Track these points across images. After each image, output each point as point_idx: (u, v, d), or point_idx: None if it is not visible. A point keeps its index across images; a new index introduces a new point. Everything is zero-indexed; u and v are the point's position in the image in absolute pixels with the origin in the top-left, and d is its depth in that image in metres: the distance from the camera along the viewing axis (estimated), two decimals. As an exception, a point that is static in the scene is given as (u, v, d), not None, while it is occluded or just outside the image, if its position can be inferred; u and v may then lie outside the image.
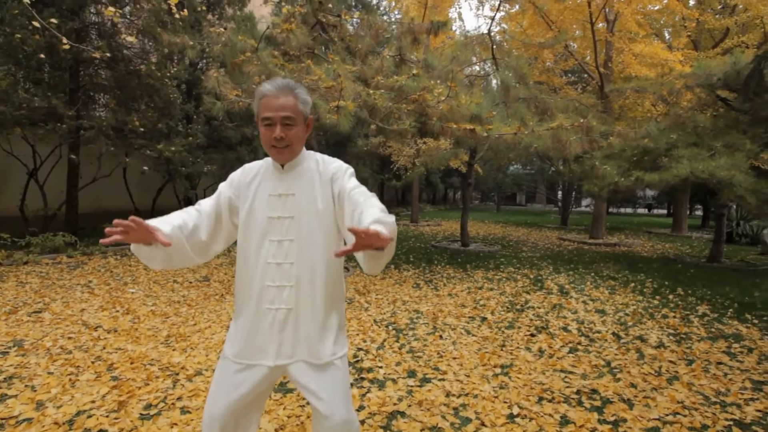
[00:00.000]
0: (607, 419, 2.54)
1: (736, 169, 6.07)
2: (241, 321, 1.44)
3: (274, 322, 1.40)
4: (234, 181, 1.47)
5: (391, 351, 3.48)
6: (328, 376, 1.43)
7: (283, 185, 1.43)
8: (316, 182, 1.43)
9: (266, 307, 1.40)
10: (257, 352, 1.41)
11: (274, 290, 1.39)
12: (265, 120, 1.35)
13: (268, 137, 1.36)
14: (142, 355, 3.21)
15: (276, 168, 1.45)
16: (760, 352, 3.69)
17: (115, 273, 5.90)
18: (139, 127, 7.22)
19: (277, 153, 1.39)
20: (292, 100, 1.36)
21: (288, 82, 1.37)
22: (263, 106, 1.35)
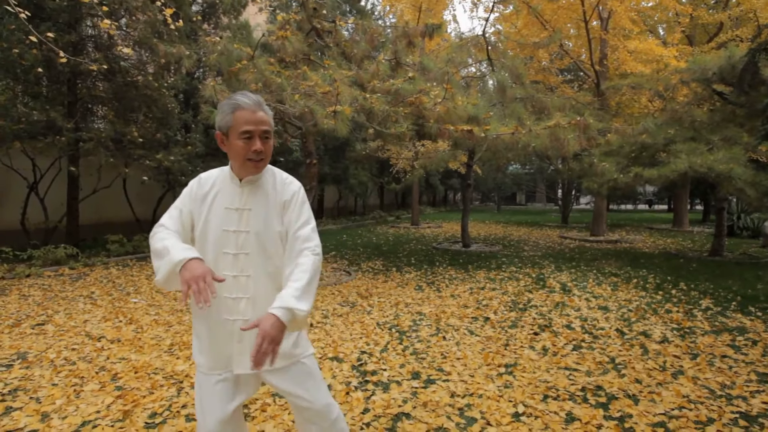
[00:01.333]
0: (613, 415, 2.53)
1: (735, 162, 6.08)
2: (202, 332, 1.45)
3: (233, 333, 1.42)
4: (192, 193, 1.46)
5: (394, 353, 3.48)
6: (296, 373, 1.50)
7: (241, 199, 1.44)
8: (270, 200, 1.46)
9: (224, 317, 1.42)
10: (222, 361, 1.44)
11: (230, 302, 1.41)
12: (244, 133, 1.35)
13: (245, 150, 1.37)
14: (146, 364, 3.21)
15: (233, 181, 1.45)
16: (765, 344, 3.68)
17: (117, 283, 5.90)
18: (137, 137, 7.24)
19: (253, 166, 1.40)
20: (266, 115, 1.39)
21: (258, 97, 1.40)
22: (240, 119, 1.35)
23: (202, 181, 1.48)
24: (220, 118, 1.39)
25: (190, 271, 1.23)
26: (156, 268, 1.33)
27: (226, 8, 9.92)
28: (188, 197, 1.46)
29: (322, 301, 5.11)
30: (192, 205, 1.45)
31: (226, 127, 1.38)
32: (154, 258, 1.35)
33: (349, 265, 7.47)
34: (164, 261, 1.30)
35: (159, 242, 1.35)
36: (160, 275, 1.30)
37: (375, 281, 6.23)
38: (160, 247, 1.33)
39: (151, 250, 1.38)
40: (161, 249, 1.33)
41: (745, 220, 11.88)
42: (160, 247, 1.33)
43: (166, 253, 1.30)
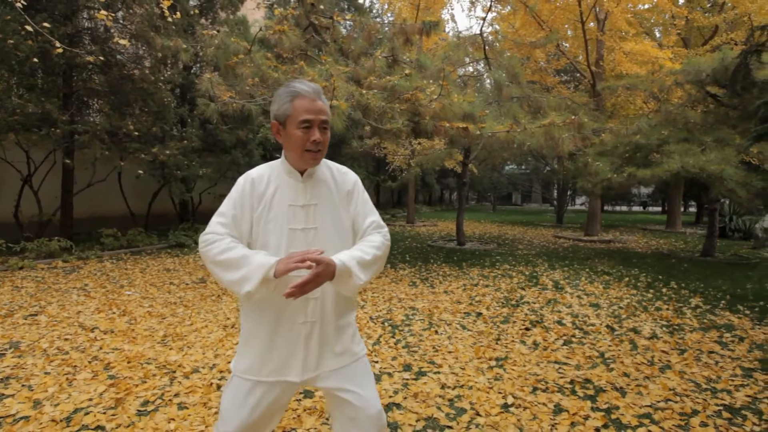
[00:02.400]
0: (600, 407, 2.57)
1: (726, 163, 6.15)
2: (262, 336, 1.35)
3: (299, 337, 1.34)
4: (246, 194, 1.35)
5: (387, 346, 3.51)
6: (356, 370, 1.42)
7: (305, 195, 1.36)
8: (333, 192, 1.40)
9: (291, 321, 1.34)
10: (280, 369, 1.35)
11: (298, 304, 1.32)
12: (303, 122, 1.28)
13: (304, 141, 1.29)
14: (139, 354, 3.22)
15: (292, 176, 1.37)
16: (751, 341, 3.74)
17: (111, 276, 5.90)
18: (133, 131, 7.22)
19: (311, 157, 1.33)
20: (324, 104, 1.33)
21: (317, 86, 1.33)
22: (299, 108, 1.28)
23: (255, 180, 1.36)
24: (278, 106, 1.32)
25: (286, 260, 1.20)
26: (236, 280, 1.22)
27: (223, 3, 9.90)
28: (242, 199, 1.34)
29: (316, 295, 5.13)
30: (249, 207, 1.34)
31: (284, 115, 1.31)
32: (227, 270, 1.24)
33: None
34: (251, 269, 1.21)
35: (229, 252, 1.25)
36: (251, 284, 1.20)
37: (369, 277, 6.25)
38: (235, 257, 1.24)
39: (217, 262, 1.25)
40: (238, 258, 1.23)
41: (737, 222, 12.00)
42: (236, 256, 1.24)
43: (247, 262, 1.22)
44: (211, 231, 1.31)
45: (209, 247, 1.28)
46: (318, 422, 2.35)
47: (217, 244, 1.27)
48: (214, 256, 1.26)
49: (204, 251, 1.29)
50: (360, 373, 1.41)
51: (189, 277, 6.01)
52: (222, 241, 1.27)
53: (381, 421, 1.39)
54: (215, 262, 1.26)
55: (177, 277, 6.04)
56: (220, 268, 1.25)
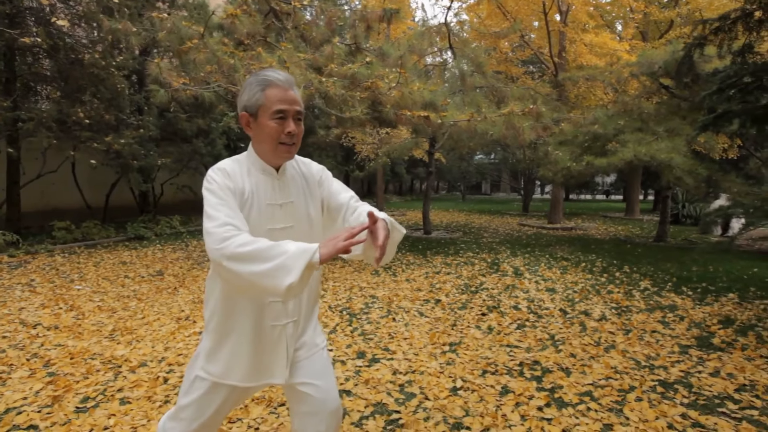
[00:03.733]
0: (545, 387, 2.66)
1: (676, 152, 6.42)
2: (234, 341, 1.28)
3: (282, 338, 1.29)
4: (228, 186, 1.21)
5: (342, 335, 3.51)
6: (317, 363, 1.39)
7: (282, 192, 1.29)
8: (305, 187, 1.35)
9: (271, 324, 1.28)
10: (263, 372, 1.30)
11: (279, 306, 1.27)
12: (278, 113, 1.19)
13: (278, 132, 1.20)
14: (83, 350, 3.10)
15: (266, 172, 1.27)
16: (691, 320, 3.95)
17: (61, 271, 5.65)
18: (84, 119, 6.88)
19: (285, 151, 1.24)
20: (297, 95, 1.24)
21: (290, 75, 1.26)
22: (273, 97, 1.19)
23: (230, 174, 1.23)
24: (248, 96, 1.22)
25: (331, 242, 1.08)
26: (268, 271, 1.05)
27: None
28: (229, 191, 1.20)
29: (277, 286, 5.07)
30: (237, 200, 1.21)
31: (255, 106, 1.20)
32: (252, 262, 1.06)
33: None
34: (288, 257, 1.05)
35: (253, 244, 1.08)
36: (294, 274, 1.04)
37: (332, 266, 6.24)
38: (263, 246, 1.08)
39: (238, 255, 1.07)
40: (266, 248, 1.07)
41: (689, 209, 12.59)
42: (264, 246, 1.08)
43: (280, 250, 1.07)
44: (224, 223, 1.12)
45: (226, 243, 1.08)
46: (265, 411, 2.33)
47: (235, 238, 1.09)
48: (234, 248, 1.07)
49: (219, 248, 1.08)
50: (320, 366, 1.38)
51: (146, 270, 5.83)
52: (241, 235, 1.10)
53: (338, 415, 1.39)
54: (235, 256, 1.07)
55: (133, 270, 5.85)
56: (242, 262, 1.06)
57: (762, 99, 4.83)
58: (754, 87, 4.71)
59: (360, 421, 2.27)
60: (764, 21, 3.82)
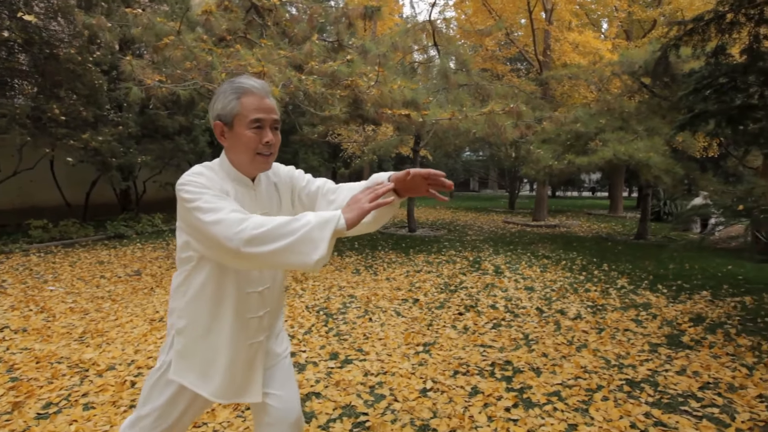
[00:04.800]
0: (514, 387, 2.68)
1: (654, 151, 6.50)
2: (209, 353, 1.23)
3: (258, 355, 1.28)
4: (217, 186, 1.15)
5: (317, 335, 3.50)
6: (279, 371, 1.37)
7: (258, 203, 1.26)
8: (277, 197, 1.32)
9: (250, 342, 1.25)
10: (238, 390, 1.27)
11: (257, 321, 1.26)
12: (254, 122, 1.15)
13: (256, 142, 1.16)
14: (50, 353, 3.05)
15: (242, 183, 1.23)
16: (663, 318, 4.01)
17: (35, 271, 5.54)
18: (59, 115, 6.73)
19: (263, 161, 1.20)
20: (273, 103, 1.21)
21: (266, 83, 1.23)
22: (249, 105, 1.15)
23: (211, 179, 1.16)
24: (222, 104, 1.17)
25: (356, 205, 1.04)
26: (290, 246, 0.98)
27: (161, -21, 9.34)
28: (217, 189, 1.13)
29: (255, 285, 5.04)
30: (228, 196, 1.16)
31: (230, 115, 1.16)
32: (273, 241, 0.99)
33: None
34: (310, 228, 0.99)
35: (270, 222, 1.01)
36: (322, 246, 0.98)
37: (314, 266, 6.21)
38: (280, 222, 1.01)
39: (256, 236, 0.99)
40: (283, 223, 1.00)
41: (671, 206, 12.78)
42: (280, 221, 1.01)
43: (300, 224, 1.00)
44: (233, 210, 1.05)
45: (243, 226, 1.00)
46: (232, 415, 2.32)
47: (250, 221, 1.01)
48: (252, 231, 0.99)
49: (236, 232, 1.00)
50: (283, 374, 1.37)
51: (123, 270, 5.74)
52: (254, 217, 1.03)
53: (300, 426, 1.37)
54: (253, 238, 0.99)
55: (110, 270, 5.76)
56: (262, 244, 0.99)
57: (736, 99, 4.92)
58: (728, 88, 4.79)
59: (327, 424, 2.26)
60: (736, 23, 3.88)
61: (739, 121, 5.02)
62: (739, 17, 3.84)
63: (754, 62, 4.21)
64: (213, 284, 1.20)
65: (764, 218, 4.17)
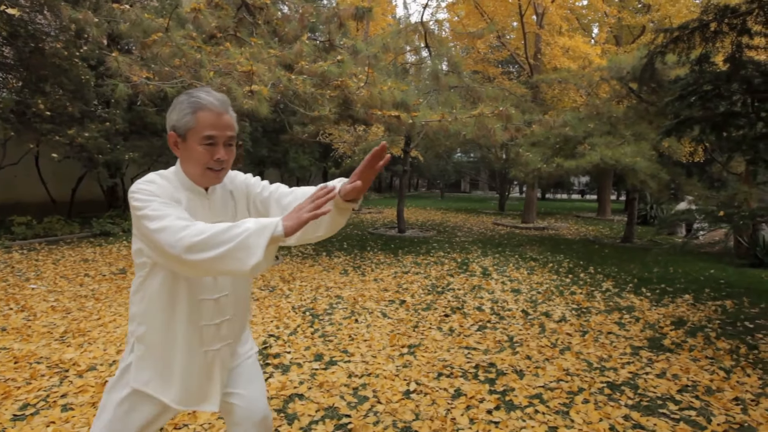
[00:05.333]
0: (497, 389, 2.70)
1: (640, 156, 6.59)
2: (172, 362, 1.24)
3: (215, 363, 1.27)
4: (166, 195, 1.14)
5: (303, 336, 3.49)
6: (243, 370, 1.38)
7: (212, 212, 1.27)
8: (233, 206, 1.33)
9: (205, 350, 1.25)
10: (195, 397, 1.27)
11: (212, 329, 1.25)
12: (208, 139, 1.15)
13: (207, 158, 1.17)
14: (29, 353, 3.00)
15: (196, 192, 1.24)
16: (645, 321, 4.07)
17: (16, 269, 5.45)
18: (44, 110, 6.63)
19: (214, 176, 1.22)
20: (231, 118, 1.21)
21: (225, 97, 1.22)
22: (203, 121, 1.15)
23: (162, 186, 1.16)
24: (177, 117, 1.17)
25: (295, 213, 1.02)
26: (228, 252, 0.98)
27: (152, -25, 9.23)
28: (169, 197, 1.14)
29: (242, 285, 5.01)
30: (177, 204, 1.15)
31: (184, 128, 1.16)
32: (212, 248, 0.99)
33: (278, 249, 7.36)
34: (248, 234, 0.98)
35: (211, 229, 1.01)
36: (258, 252, 0.96)
37: (302, 265, 6.19)
38: (220, 229, 1.00)
39: (196, 243, 0.99)
40: (223, 229, 1.00)
41: (657, 210, 12.97)
42: (221, 228, 1.00)
43: (239, 230, 0.99)
44: (174, 219, 1.05)
45: (183, 233, 1.01)
46: (213, 417, 2.30)
47: (191, 228, 1.02)
48: (192, 238, 1.00)
49: (176, 240, 1.01)
50: (247, 374, 1.38)
51: (108, 268, 5.67)
52: (197, 225, 1.04)
53: (267, 424, 1.37)
54: (193, 246, 0.99)
55: (94, 268, 5.68)
56: (202, 251, 0.99)
57: (720, 107, 5.01)
58: (713, 95, 4.87)
59: (309, 425, 2.26)
60: (719, 33, 3.94)
61: (723, 128, 5.11)
62: (722, 27, 3.91)
63: (736, 71, 4.29)
64: (167, 290, 1.20)
65: (744, 224, 4.25)
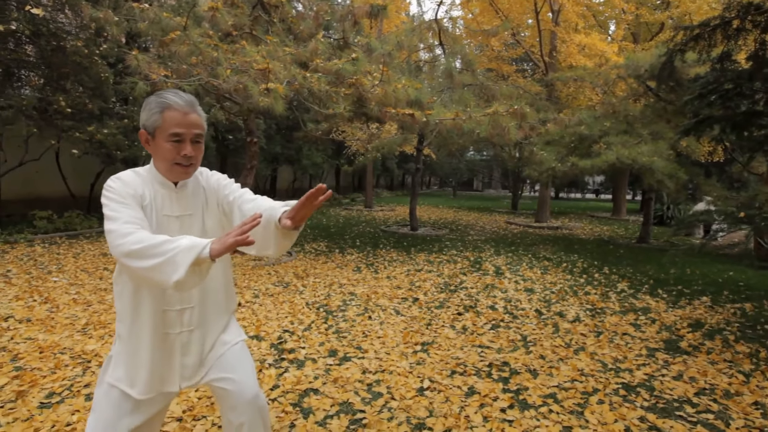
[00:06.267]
0: (511, 388, 2.70)
1: (658, 156, 6.49)
2: (139, 348, 1.31)
3: (176, 347, 1.34)
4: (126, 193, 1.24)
5: (317, 332, 3.53)
6: (230, 357, 1.44)
7: (180, 205, 1.35)
8: (204, 200, 1.39)
9: (165, 332, 1.32)
10: (160, 382, 1.34)
11: (173, 314, 1.32)
12: (174, 136, 1.24)
13: (174, 154, 1.26)
14: (54, 344, 3.09)
15: (166, 186, 1.33)
16: (662, 323, 4.02)
17: (39, 262, 5.59)
18: (65, 107, 6.77)
19: (182, 171, 1.30)
20: (199, 117, 1.29)
21: (191, 97, 1.29)
22: (170, 120, 1.23)
23: (128, 183, 1.26)
24: (147, 116, 1.26)
25: (223, 238, 1.08)
26: (158, 266, 1.07)
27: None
28: (129, 197, 1.23)
29: (256, 280, 5.07)
30: (137, 203, 1.24)
31: (152, 126, 1.25)
32: (145, 258, 1.08)
33: (292, 246, 7.43)
34: (177, 252, 1.06)
35: (148, 240, 1.10)
36: (181, 270, 1.05)
37: (315, 262, 6.24)
38: (155, 241, 1.09)
39: (133, 251, 1.09)
40: (158, 243, 1.08)
41: (674, 211, 12.75)
42: (156, 241, 1.09)
43: (171, 246, 1.07)
44: (125, 222, 1.16)
45: (125, 240, 1.11)
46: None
47: (133, 235, 1.12)
48: (130, 246, 1.10)
49: (118, 244, 1.11)
50: (233, 359, 1.44)
51: (126, 263, 5.78)
52: (139, 233, 1.13)
53: (257, 404, 1.43)
54: (130, 253, 1.09)
55: (113, 261, 5.80)
56: (136, 258, 1.09)
57: (741, 106, 4.90)
58: (734, 93, 4.78)
59: (324, 420, 2.29)
60: (741, 29, 3.87)
61: (744, 127, 5.00)
62: (745, 24, 3.83)
63: (759, 69, 4.20)
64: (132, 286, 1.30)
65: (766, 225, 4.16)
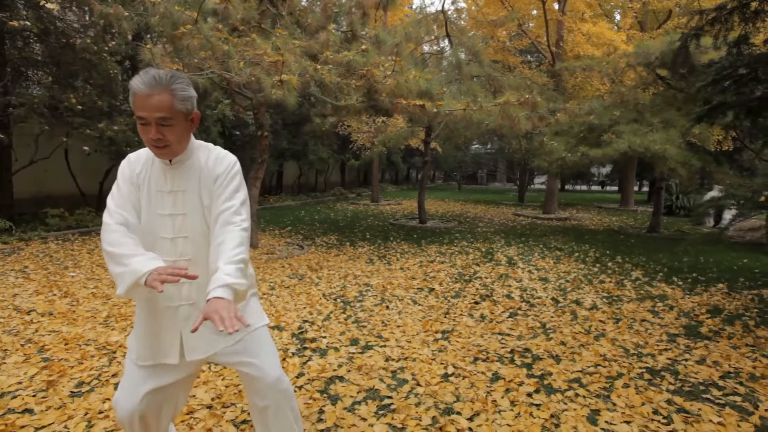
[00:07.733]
0: (535, 374, 2.71)
1: (670, 144, 6.44)
2: (145, 320, 1.41)
3: (176, 320, 1.39)
4: (126, 175, 1.38)
5: (336, 322, 3.55)
6: (251, 342, 1.47)
7: (173, 181, 1.38)
8: (201, 179, 1.39)
9: (165, 305, 1.38)
10: (159, 353, 1.41)
11: (171, 288, 1.36)
12: (140, 119, 1.27)
13: (146, 136, 1.30)
14: (78, 335, 3.12)
15: (162, 162, 1.38)
16: (680, 309, 4.01)
17: (55, 258, 5.64)
18: (76, 104, 6.79)
19: (158, 152, 1.33)
20: (168, 98, 1.25)
21: (162, 77, 1.25)
22: (136, 104, 1.26)
23: (132, 162, 1.40)
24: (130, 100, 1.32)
25: (160, 272, 1.18)
26: (115, 275, 1.23)
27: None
28: (125, 180, 1.37)
29: (271, 273, 5.09)
30: (135, 187, 1.37)
31: (132, 110, 1.32)
32: (110, 262, 1.25)
33: (303, 240, 7.45)
34: (126, 271, 1.20)
35: (116, 247, 1.24)
36: (122, 288, 1.21)
37: (327, 255, 6.26)
38: (118, 253, 1.23)
39: (106, 251, 1.26)
40: (120, 255, 1.23)
41: (683, 200, 12.68)
42: (119, 252, 1.23)
43: (126, 263, 1.21)
44: (108, 210, 1.33)
45: (104, 234, 1.29)
46: (259, 397, 2.36)
47: (109, 234, 1.28)
48: (105, 245, 1.27)
49: (102, 238, 1.30)
50: (255, 344, 1.48)
51: (140, 258, 5.82)
52: (115, 232, 1.28)
53: (280, 387, 1.46)
54: (105, 251, 1.28)
55: (127, 257, 5.84)
56: (107, 258, 1.27)
57: (756, 91, 4.85)
58: (749, 79, 4.72)
59: (353, 406, 2.31)
60: (760, 12, 3.82)
61: (759, 113, 4.94)
62: (764, 6, 3.78)
63: (777, 52, 4.15)
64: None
65: (785, 210, 4.13)
